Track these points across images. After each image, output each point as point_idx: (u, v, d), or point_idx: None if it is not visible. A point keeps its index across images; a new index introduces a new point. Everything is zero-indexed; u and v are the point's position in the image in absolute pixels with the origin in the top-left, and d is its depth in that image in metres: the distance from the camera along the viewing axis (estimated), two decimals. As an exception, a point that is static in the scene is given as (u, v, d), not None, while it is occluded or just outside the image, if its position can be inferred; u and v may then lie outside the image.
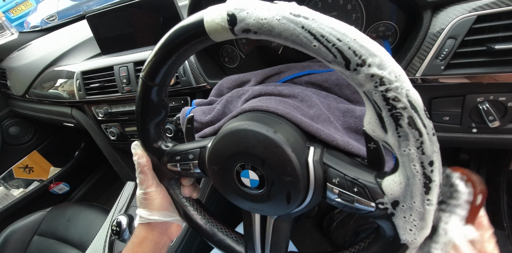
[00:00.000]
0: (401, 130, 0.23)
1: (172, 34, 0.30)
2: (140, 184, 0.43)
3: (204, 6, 0.28)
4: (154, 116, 0.39)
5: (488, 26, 0.42)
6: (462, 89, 0.48)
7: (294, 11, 0.23)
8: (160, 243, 0.45)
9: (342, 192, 0.29)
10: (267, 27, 0.24)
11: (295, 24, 0.23)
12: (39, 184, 1.52)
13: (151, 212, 0.43)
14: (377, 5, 0.55)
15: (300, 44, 0.24)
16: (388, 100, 0.22)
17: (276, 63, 0.58)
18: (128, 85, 0.82)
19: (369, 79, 0.22)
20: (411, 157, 0.23)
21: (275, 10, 0.24)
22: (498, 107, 0.46)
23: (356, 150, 0.35)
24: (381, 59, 0.22)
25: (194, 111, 0.55)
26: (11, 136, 1.45)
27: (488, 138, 0.49)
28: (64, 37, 1.22)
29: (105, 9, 0.87)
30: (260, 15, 0.24)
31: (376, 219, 0.29)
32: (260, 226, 0.39)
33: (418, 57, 0.48)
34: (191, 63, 0.72)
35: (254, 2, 0.25)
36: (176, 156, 0.40)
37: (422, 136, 0.22)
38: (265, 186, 0.32)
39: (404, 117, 0.22)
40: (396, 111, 0.22)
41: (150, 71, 0.33)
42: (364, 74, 0.22)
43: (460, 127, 0.50)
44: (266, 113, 0.37)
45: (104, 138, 1.06)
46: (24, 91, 1.17)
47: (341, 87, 0.49)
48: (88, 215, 1.02)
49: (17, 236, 1.02)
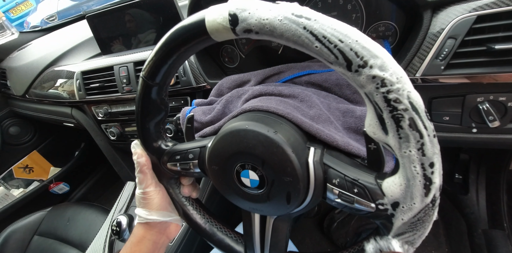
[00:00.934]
0: (402, 131, 0.23)
1: (173, 34, 0.30)
2: (139, 184, 0.43)
3: (204, 6, 0.28)
4: (154, 115, 0.39)
5: (488, 26, 0.42)
6: (462, 89, 0.48)
7: (296, 12, 0.23)
8: (158, 242, 0.45)
9: (342, 193, 0.29)
10: (268, 27, 0.24)
11: (297, 25, 0.23)
12: (39, 184, 1.52)
13: (150, 212, 0.43)
14: (377, 5, 0.55)
15: (302, 45, 0.24)
16: (389, 101, 0.22)
17: (276, 63, 0.58)
18: (128, 85, 0.82)
19: (371, 80, 0.22)
20: (411, 158, 0.23)
21: (277, 10, 0.24)
22: (498, 107, 0.46)
23: (356, 151, 0.35)
24: (382, 61, 0.22)
25: (194, 111, 0.55)
26: (11, 136, 1.45)
27: (488, 138, 0.49)
28: (64, 37, 1.22)
29: (105, 9, 0.87)
30: (262, 16, 0.24)
31: (376, 219, 0.29)
32: (260, 226, 0.39)
33: (418, 57, 0.48)
34: (191, 63, 0.72)
35: (256, 2, 0.25)
36: (176, 155, 0.40)
37: (423, 137, 0.22)
38: (265, 186, 0.32)
39: (405, 119, 0.22)
40: (397, 112, 0.22)
41: (150, 70, 0.33)
42: (366, 76, 0.22)
43: (460, 126, 0.50)
44: (266, 113, 0.37)
45: (104, 138, 1.06)
46: (24, 91, 1.17)
47: (341, 87, 0.49)
48: (88, 215, 1.02)
49: (17, 236, 1.02)
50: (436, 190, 0.24)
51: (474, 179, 0.95)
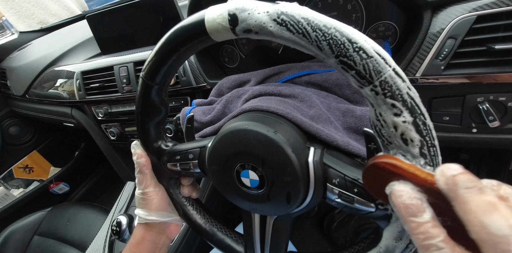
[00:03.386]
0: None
1: (173, 34, 0.30)
2: (138, 184, 0.43)
3: (204, 6, 0.28)
4: (154, 116, 0.39)
5: (488, 26, 0.42)
6: (462, 89, 0.48)
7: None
8: (158, 243, 0.45)
9: (342, 193, 0.29)
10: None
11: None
12: (39, 184, 1.52)
13: (149, 212, 0.43)
14: (377, 5, 0.55)
15: (301, 44, 0.24)
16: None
17: (276, 63, 0.58)
18: (128, 85, 0.82)
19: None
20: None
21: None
22: (498, 107, 0.46)
23: (356, 150, 0.35)
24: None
25: (194, 111, 0.55)
26: (11, 136, 1.45)
27: (488, 138, 0.49)
28: (64, 37, 1.22)
29: (105, 9, 0.87)
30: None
31: (376, 219, 0.29)
32: (260, 226, 0.39)
33: (418, 57, 0.48)
34: (191, 63, 0.71)
35: (255, 2, 0.25)
36: (176, 155, 0.40)
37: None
38: (265, 186, 0.32)
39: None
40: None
41: (150, 70, 0.33)
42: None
43: (460, 126, 0.50)
44: (266, 113, 0.37)
45: (104, 138, 1.06)
46: (24, 91, 1.16)
47: (341, 87, 0.49)
48: (88, 215, 1.02)
49: (17, 236, 1.02)
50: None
51: (474, 179, 0.95)
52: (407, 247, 0.27)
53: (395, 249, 0.28)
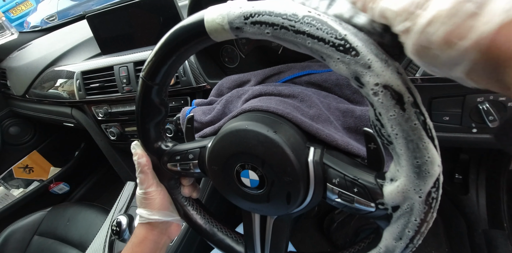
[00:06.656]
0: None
1: (173, 34, 0.30)
2: (140, 184, 0.43)
3: (204, 6, 0.28)
4: (154, 116, 0.39)
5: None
6: (462, 89, 0.48)
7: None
8: (160, 242, 0.45)
9: (342, 192, 0.29)
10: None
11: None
12: (39, 184, 1.52)
13: (152, 212, 0.43)
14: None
15: (296, 44, 0.24)
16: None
17: (276, 63, 0.58)
18: (128, 85, 0.82)
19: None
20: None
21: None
22: (498, 107, 0.46)
23: (356, 150, 0.35)
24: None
25: (194, 111, 0.55)
26: (11, 136, 1.45)
27: (488, 138, 0.49)
28: (64, 37, 1.22)
29: (105, 9, 0.87)
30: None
31: (376, 219, 0.29)
32: (260, 226, 0.39)
33: (418, 57, 0.48)
34: (191, 63, 0.72)
35: (255, 3, 0.25)
36: (176, 155, 0.40)
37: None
38: (265, 186, 0.32)
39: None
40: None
41: (150, 71, 0.33)
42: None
43: (460, 126, 0.50)
44: (266, 113, 0.37)
45: (104, 138, 1.06)
46: (24, 91, 1.17)
47: (341, 87, 0.49)
48: (88, 215, 1.02)
49: (17, 236, 1.02)
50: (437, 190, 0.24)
51: (474, 179, 0.95)
52: (407, 247, 0.27)
53: (395, 249, 0.28)
